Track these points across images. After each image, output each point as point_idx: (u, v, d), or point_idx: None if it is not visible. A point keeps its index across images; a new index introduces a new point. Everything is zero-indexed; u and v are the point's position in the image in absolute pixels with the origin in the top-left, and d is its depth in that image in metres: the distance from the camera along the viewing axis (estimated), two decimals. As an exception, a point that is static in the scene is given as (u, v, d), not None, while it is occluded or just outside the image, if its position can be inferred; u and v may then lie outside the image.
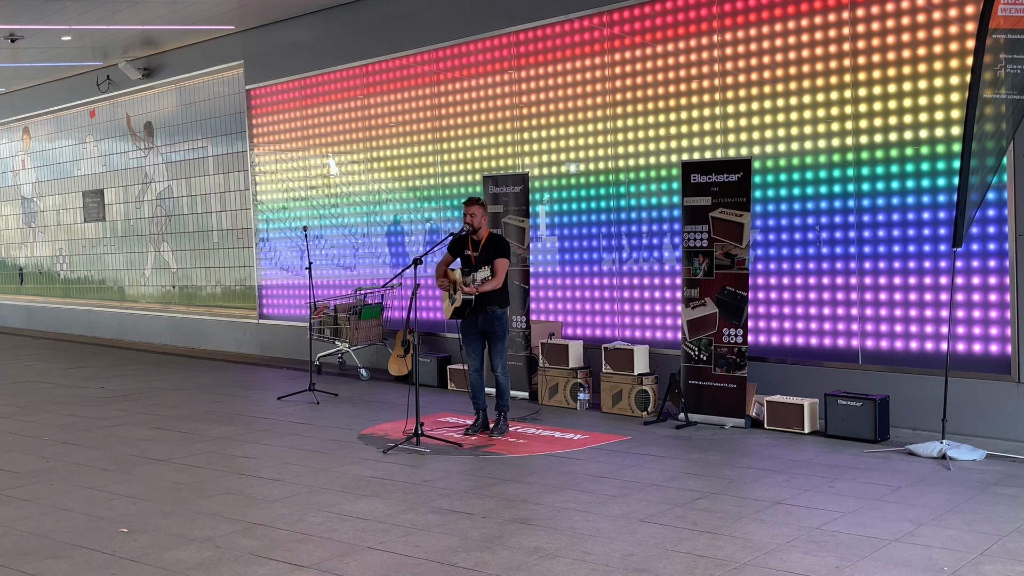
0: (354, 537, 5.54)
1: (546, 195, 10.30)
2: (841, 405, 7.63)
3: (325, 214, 12.91)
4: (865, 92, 8.00)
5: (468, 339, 8.18)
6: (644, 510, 5.91)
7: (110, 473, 7.23)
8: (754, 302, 8.61)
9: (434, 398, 9.94)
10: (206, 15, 12.63)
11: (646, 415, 8.75)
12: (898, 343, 7.89)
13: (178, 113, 15.28)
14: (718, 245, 8.32)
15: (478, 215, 8.08)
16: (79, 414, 9.68)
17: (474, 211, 8.07)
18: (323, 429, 8.62)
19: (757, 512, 5.81)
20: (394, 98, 11.87)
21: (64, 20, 12.46)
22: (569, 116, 10.06)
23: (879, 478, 6.49)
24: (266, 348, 13.90)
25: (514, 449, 7.67)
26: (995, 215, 7.37)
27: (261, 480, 6.90)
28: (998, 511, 5.72)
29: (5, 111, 19.26)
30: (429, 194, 11.54)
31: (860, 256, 8.08)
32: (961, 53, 7.48)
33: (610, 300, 9.83)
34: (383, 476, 6.90)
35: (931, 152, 7.68)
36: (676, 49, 9.17)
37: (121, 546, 5.50)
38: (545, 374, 9.50)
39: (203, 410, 9.74)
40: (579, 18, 9.87)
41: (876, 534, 5.34)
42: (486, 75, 10.79)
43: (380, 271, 12.19)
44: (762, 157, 8.61)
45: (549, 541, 5.37)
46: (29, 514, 6.19)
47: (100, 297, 17.48)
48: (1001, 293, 7.36)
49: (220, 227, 14.70)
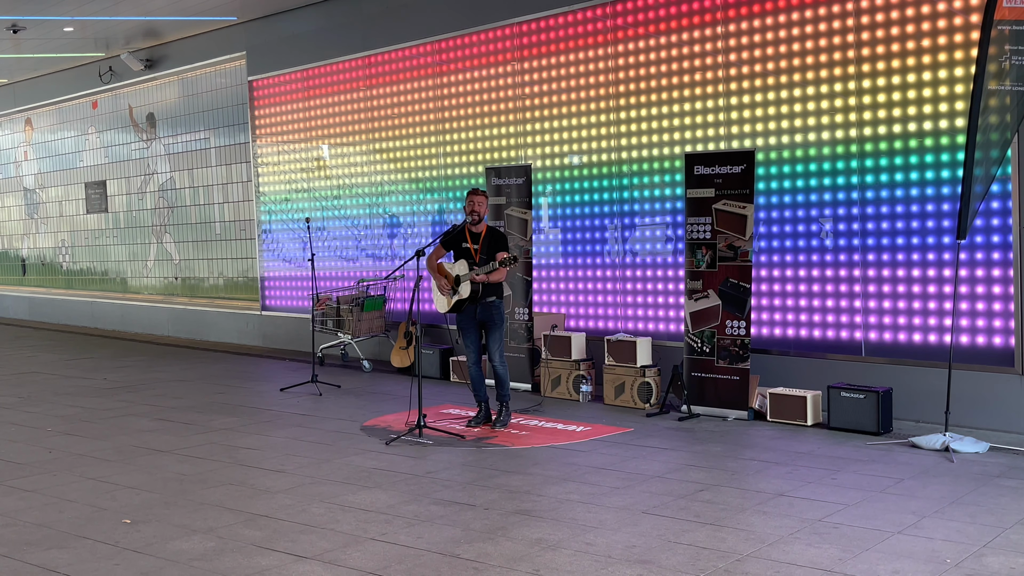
0: (356, 528, 5.54)
1: (548, 187, 10.29)
2: (844, 397, 7.62)
3: (327, 206, 12.90)
4: (869, 84, 7.97)
5: (465, 332, 8.16)
6: (646, 502, 5.91)
7: (113, 464, 7.23)
8: (757, 294, 8.59)
9: (436, 390, 9.94)
10: (208, 6, 12.61)
11: (649, 407, 8.75)
12: (901, 335, 7.88)
13: (180, 104, 15.27)
14: (721, 237, 8.30)
15: (483, 204, 8.06)
16: (82, 405, 9.69)
17: (480, 200, 8.04)
18: (326, 420, 8.63)
19: (760, 504, 5.80)
20: (397, 89, 11.85)
21: (66, 11, 12.43)
22: (572, 107, 10.04)
23: (882, 470, 6.49)
24: (268, 340, 13.90)
25: (516, 441, 7.67)
26: (999, 207, 7.35)
27: (264, 471, 6.90)
28: (1001, 503, 5.72)
29: (7, 102, 19.25)
30: (432, 185, 11.52)
31: (864, 248, 8.07)
32: (966, 44, 7.45)
33: (613, 292, 9.82)
34: (386, 467, 6.90)
35: (935, 144, 7.66)
36: (680, 40, 9.14)
37: (124, 536, 5.51)
38: (548, 366, 9.50)
39: (206, 401, 9.75)
40: (582, 9, 9.84)
41: (879, 526, 5.34)
42: (489, 66, 10.77)
43: (382, 263, 12.18)
44: (766, 149, 8.59)
45: (551, 532, 5.37)
46: (32, 504, 6.20)
47: (103, 288, 17.49)
48: (1005, 285, 7.35)
49: (222, 219, 14.70)
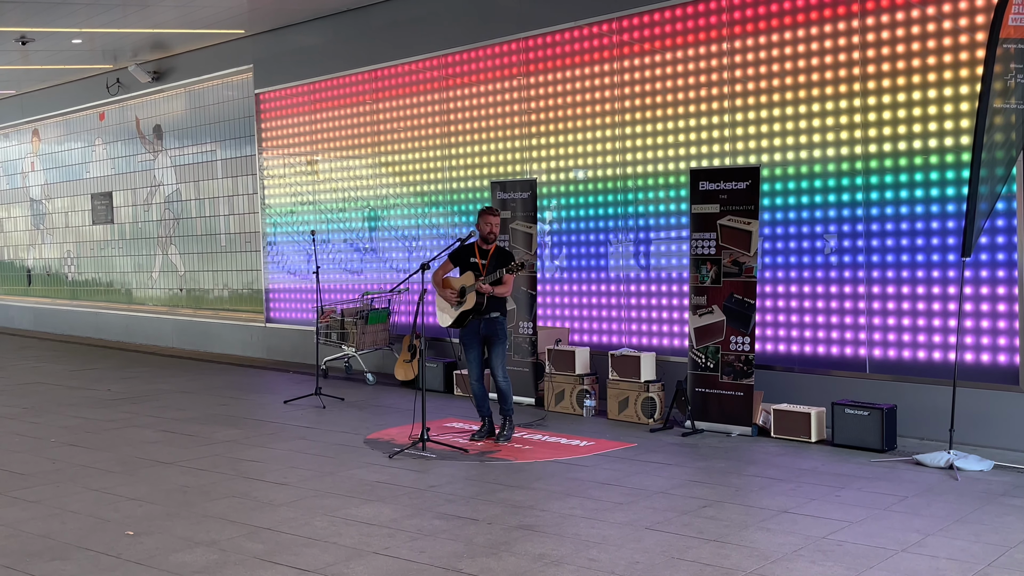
0: (359, 542, 5.53)
1: (554, 201, 10.31)
2: (848, 414, 7.61)
3: (333, 218, 12.92)
4: (874, 101, 7.98)
5: (468, 347, 8.17)
6: (650, 517, 5.90)
7: (116, 475, 7.24)
8: (761, 310, 8.59)
9: (440, 403, 9.94)
10: (216, 19, 12.66)
11: (652, 422, 8.74)
12: (906, 352, 7.87)
13: (187, 116, 15.32)
14: (726, 253, 8.31)
15: (498, 225, 8.11)
16: (85, 416, 9.69)
17: (496, 221, 8.08)
18: (329, 433, 8.62)
19: (763, 521, 5.79)
20: (403, 103, 11.88)
21: (75, 23, 12.50)
22: (578, 122, 10.06)
23: (886, 488, 6.47)
24: (273, 352, 13.91)
25: (520, 455, 7.66)
26: (1004, 225, 7.35)
27: (267, 484, 6.90)
28: (1006, 522, 5.70)
29: (15, 113, 19.32)
30: (437, 199, 11.54)
31: (868, 265, 8.06)
32: (971, 62, 7.46)
33: (617, 306, 9.82)
34: (389, 481, 6.90)
35: (940, 161, 7.66)
36: (685, 56, 9.17)
37: (127, 548, 5.50)
38: (551, 380, 9.49)
39: (209, 413, 9.75)
40: (588, 25, 9.88)
41: (883, 544, 5.33)
42: (495, 81, 10.81)
43: (387, 276, 12.20)
44: (770, 165, 8.60)
45: (554, 548, 5.36)
46: (35, 515, 6.20)
47: (107, 299, 17.52)
48: (1010, 303, 7.34)
49: (228, 231, 14.73)
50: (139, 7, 11.84)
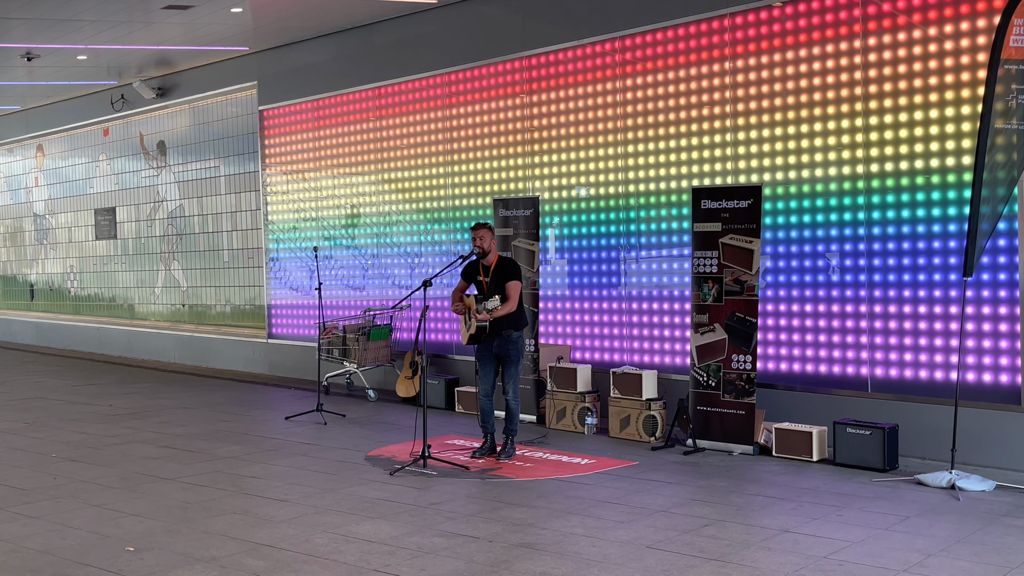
0: (360, 559, 5.53)
1: (555, 219, 10.33)
2: (850, 433, 7.60)
3: (336, 235, 12.95)
4: (876, 120, 8.01)
5: (482, 363, 8.20)
6: (651, 536, 5.89)
7: (117, 491, 7.23)
8: (763, 328, 8.59)
9: (442, 420, 9.93)
10: (221, 36, 12.73)
11: (654, 440, 8.73)
12: (908, 372, 7.87)
13: (191, 132, 15.38)
14: (728, 271, 8.32)
15: (487, 239, 8.11)
16: (87, 431, 9.69)
17: (482, 234, 8.09)
18: (330, 450, 8.62)
19: (764, 540, 5.78)
20: (406, 120, 11.93)
21: (80, 40, 12.56)
22: (580, 140, 10.10)
23: (888, 507, 6.46)
24: (274, 368, 13.91)
25: (521, 473, 7.65)
26: (1006, 245, 7.36)
27: (267, 500, 6.89)
28: (1007, 542, 5.69)
29: (20, 129, 19.40)
30: (440, 216, 11.57)
31: (870, 284, 8.07)
32: (972, 83, 7.49)
33: (619, 324, 9.82)
34: (390, 498, 6.89)
35: (941, 181, 7.68)
36: (687, 75, 9.21)
37: (127, 564, 5.50)
38: (553, 398, 9.49)
39: (210, 429, 9.75)
40: (591, 44, 9.92)
41: (884, 564, 5.31)
42: (498, 99, 10.85)
43: (389, 292, 12.21)
44: (772, 184, 8.62)
45: (555, 566, 5.35)
46: (36, 531, 6.19)
47: (110, 314, 17.54)
48: (1012, 323, 7.34)
49: (231, 246, 14.76)
50: (144, 24, 11.90)
